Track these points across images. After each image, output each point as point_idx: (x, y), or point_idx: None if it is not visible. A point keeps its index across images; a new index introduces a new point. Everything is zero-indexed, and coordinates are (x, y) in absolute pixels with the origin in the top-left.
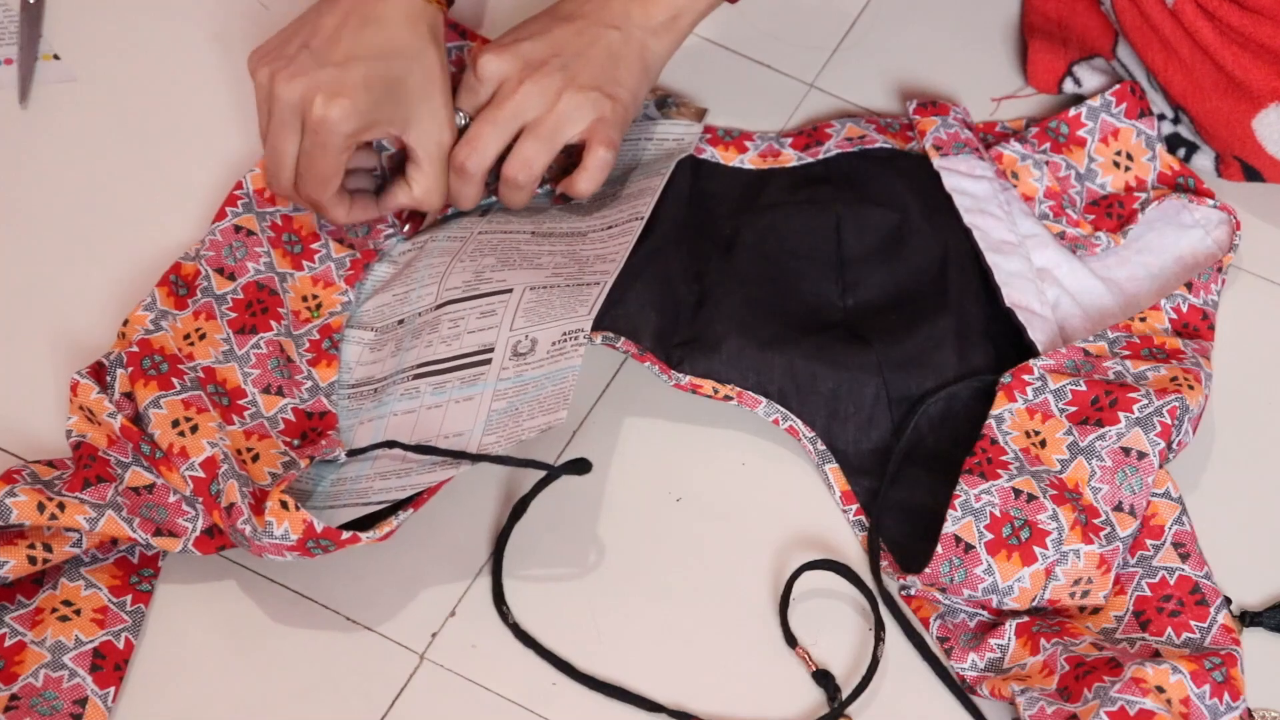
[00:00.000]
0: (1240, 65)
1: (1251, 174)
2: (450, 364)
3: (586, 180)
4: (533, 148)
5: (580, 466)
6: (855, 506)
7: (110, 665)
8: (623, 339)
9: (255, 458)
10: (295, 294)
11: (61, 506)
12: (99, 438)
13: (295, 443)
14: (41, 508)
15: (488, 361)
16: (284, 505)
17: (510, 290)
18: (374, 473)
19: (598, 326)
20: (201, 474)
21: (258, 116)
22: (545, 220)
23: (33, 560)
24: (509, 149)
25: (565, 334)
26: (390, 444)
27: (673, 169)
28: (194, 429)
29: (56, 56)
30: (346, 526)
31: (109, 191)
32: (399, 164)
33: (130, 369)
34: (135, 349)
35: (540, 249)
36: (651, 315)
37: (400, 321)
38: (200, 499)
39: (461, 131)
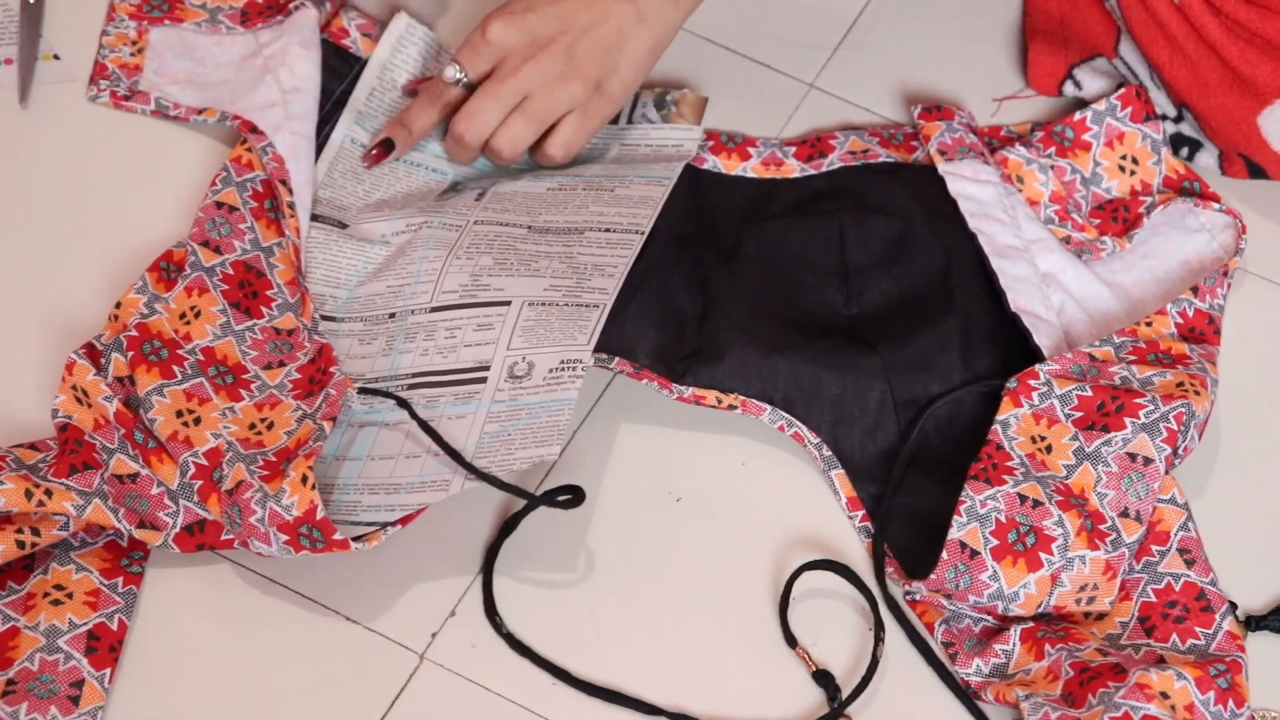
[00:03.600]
0: (1246, 61)
1: (1256, 171)
2: (445, 378)
3: (556, 146)
4: (522, 127)
5: (571, 501)
6: (861, 513)
7: (105, 647)
8: (617, 359)
9: (270, 425)
10: (285, 266)
11: (49, 493)
12: (85, 419)
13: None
14: (29, 494)
15: (483, 380)
16: (304, 480)
17: (509, 303)
18: (363, 483)
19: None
20: (205, 462)
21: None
22: (541, 211)
23: (21, 544)
24: None
25: (563, 362)
26: (401, 402)
27: (675, 181)
28: (197, 421)
29: (56, 56)
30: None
31: (106, 190)
32: None
33: (131, 354)
34: (134, 333)
35: (537, 248)
36: (649, 332)
37: (391, 315)
38: (197, 484)
39: (454, 85)
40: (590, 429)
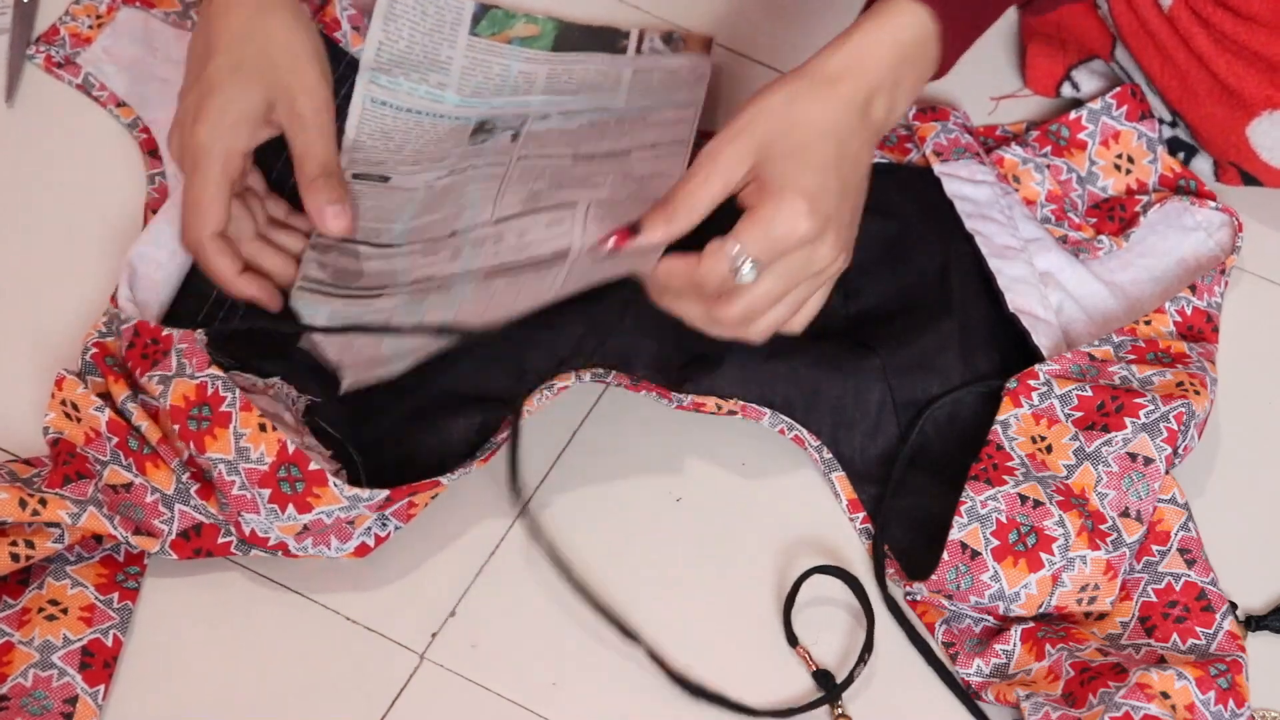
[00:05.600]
0: (1234, 73)
1: (1249, 179)
2: (524, 265)
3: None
4: (816, 304)
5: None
6: (862, 515)
7: (99, 663)
8: (614, 373)
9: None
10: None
11: (43, 502)
12: (76, 434)
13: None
14: (24, 504)
15: (563, 258)
16: (262, 428)
17: (574, 204)
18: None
19: (589, 361)
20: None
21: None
22: (581, 143)
23: (15, 557)
24: None
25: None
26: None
27: (701, 106)
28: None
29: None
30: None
31: (96, 191)
32: None
33: (130, 359)
34: (133, 342)
35: (590, 170)
36: (649, 342)
37: (453, 234)
38: (194, 485)
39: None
40: (590, 428)
